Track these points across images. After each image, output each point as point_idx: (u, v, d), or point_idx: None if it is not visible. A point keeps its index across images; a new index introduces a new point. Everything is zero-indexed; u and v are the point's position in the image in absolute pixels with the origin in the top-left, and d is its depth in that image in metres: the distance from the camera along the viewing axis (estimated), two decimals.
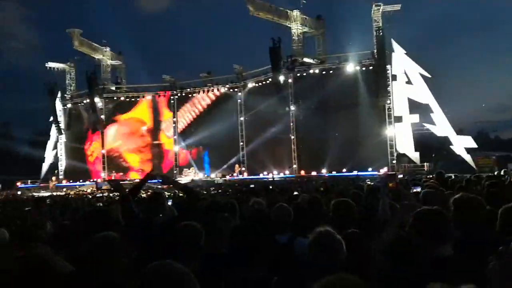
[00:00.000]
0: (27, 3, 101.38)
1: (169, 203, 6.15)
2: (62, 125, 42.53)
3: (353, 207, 4.57)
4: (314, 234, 2.90)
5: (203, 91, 39.63)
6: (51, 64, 42.70)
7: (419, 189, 5.90)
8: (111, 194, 16.32)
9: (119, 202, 4.00)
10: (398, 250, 3.18)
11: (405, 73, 31.36)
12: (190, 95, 40.27)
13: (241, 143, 37.57)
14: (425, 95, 30.91)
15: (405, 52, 31.57)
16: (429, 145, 33.58)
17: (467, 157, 30.15)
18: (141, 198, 7.64)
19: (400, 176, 17.65)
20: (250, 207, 5.43)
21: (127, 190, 4.38)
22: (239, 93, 37.77)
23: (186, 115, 40.57)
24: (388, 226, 4.08)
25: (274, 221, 4.39)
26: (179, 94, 40.49)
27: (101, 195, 18.62)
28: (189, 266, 2.63)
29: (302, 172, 33.18)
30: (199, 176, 37.60)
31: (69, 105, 43.51)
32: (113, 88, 43.25)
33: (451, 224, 3.09)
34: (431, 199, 4.95)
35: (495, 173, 17.43)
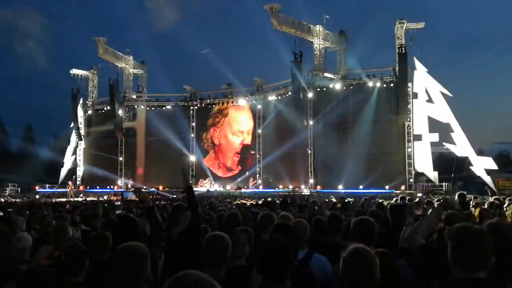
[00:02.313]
0: (54, 11, 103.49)
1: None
2: (82, 131, 43.09)
3: (374, 226, 4.55)
4: (349, 250, 2.84)
5: (223, 103, 39.90)
6: (75, 71, 43.43)
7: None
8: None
9: (145, 212, 4.05)
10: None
11: (426, 91, 31.17)
12: (210, 106, 40.57)
13: (258, 156, 37.58)
14: (445, 114, 30.65)
15: (427, 70, 31.43)
16: (448, 165, 33.20)
17: (487, 179, 29.72)
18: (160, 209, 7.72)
19: (419, 195, 17.46)
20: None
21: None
22: (258, 106, 37.88)
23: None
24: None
25: (293, 236, 4.39)
26: (198, 105, 40.82)
27: (119, 203, 18.73)
28: (215, 276, 2.67)
29: (318, 187, 33.01)
30: (215, 187, 37.68)
31: (90, 112, 44.12)
32: (134, 97, 43.80)
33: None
34: (455, 220, 4.91)
35: None
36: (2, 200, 30.11)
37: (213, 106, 40.49)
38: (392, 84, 32.31)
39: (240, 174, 38.88)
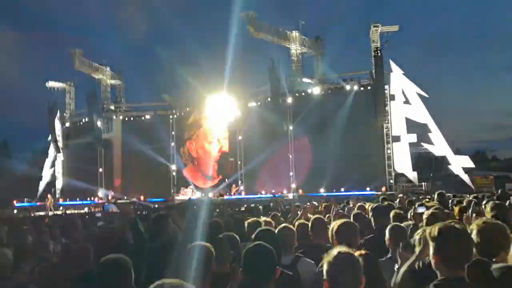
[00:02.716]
0: (28, 23, 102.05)
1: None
2: (60, 144, 42.50)
3: (357, 228, 4.60)
4: (332, 254, 2.83)
5: (195, 115, 39.81)
6: (51, 84, 42.88)
7: (423, 210, 5.90)
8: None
9: (127, 224, 4.02)
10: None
11: (403, 93, 31.60)
12: (189, 114, 40.42)
13: (239, 162, 37.53)
14: (422, 115, 31.12)
15: (403, 72, 31.88)
16: (427, 164, 33.64)
17: (465, 177, 30.25)
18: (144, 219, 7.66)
19: (400, 195, 17.60)
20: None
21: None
22: (239, 113, 37.83)
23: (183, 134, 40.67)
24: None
25: (279, 242, 4.40)
26: (178, 114, 40.63)
27: (99, 215, 18.48)
28: (201, 286, 2.67)
29: (300, 191, 33.10)
30: (197, 195, 37.46)
31: (67, 124, 43.56)
32: (112, 108, 43.40)
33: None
34: (437, 220, 4.97)
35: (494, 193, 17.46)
36: None
37: (192, 114, 40.30)
38: (369, 87, 32.70)
39: (221, 182, 38.74)
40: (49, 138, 42.43)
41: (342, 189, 31.23)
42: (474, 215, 5.75)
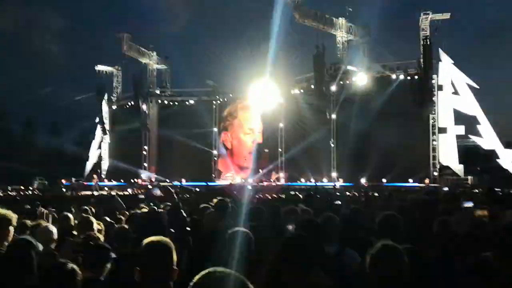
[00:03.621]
0: (79, 8, 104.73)
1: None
2: (107, 126, 43.66)
3: (401, 221, 4.47)
4: (378, 247, 2.78)
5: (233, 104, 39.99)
6: (100, 67, 44.00)
7: (471, 204, 5.69)
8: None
9: (170, 209, 4.04)
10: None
11: (452, 83, 30.63)
12: (230, 103, 40.63)
13: (280, 150, 37.44)
14: (472, 106, 30.08)
15: (452, 62, 30.86)
16: (474, 158, 32.59)
17: None
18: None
19: (446, 189, 17.14)
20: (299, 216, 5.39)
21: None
22: (281, 99, 37.63)
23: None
24: None
25: (322, 231, 4.34)
26: (221, 100, 40.88)
27: (142, 196, 18.90)
28: (241, 273, 2.63)
29: (341, 180, 32.76)
30: (237, 181, 37.72)
31: (114, 107, 44.66)
32: (158, 92, 44.14)
33: None
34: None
35: None
36: (30, 193, 30.80)
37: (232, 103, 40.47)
38: (416, 77, 31.81)
39: (253, 170, 38.84)
40: (97, 120, 43.64)
41: (384, 180, 30.71)
42: None
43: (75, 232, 5.38)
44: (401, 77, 32.32)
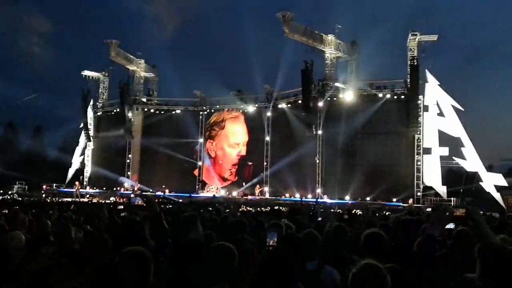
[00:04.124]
0: (68, 12, 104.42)
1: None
2: (91, 132, 43.28)
3: (386, 240, 4.44)
4: (360, 266, 2.74)
5: (232, 109, 39.87)
6: (86, 73, 43.64)
7: (452, 226, 5.66)
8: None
9: (150, 219, 3.96)
10: None
11: (437, 104, 30.96)
12: (218, 111, 40.56)
13: (265, 163, 37.39)
14: (456, 128, 30.41)
15: (439, 83, 31.24)
16: (458, 179, 32.89)
17: (497, 195, 29.39)
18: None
19: (429, 209, 17.23)
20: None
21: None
22: (268, 113, 37.70)
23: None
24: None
25: (303, 247, 4.28)
26: (208, 110, 40.78)
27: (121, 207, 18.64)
28: (222, 286, 2.57)
29: (325, 197, 32.79)
30: (221, 193, 37.56)
31: (99, 113, 44.28)
32: (144, 100, 43.94)
33: None
34: (466, 239, 4.76)
35: None
36: (9, 197, 30.25)
37: (222, 111, 40.41)
38: (403, 96, 32.15)
39: (236, 183, 38.75)
40: (81, 126, 43.24)
41: (368, 198, 30.85)
42: None
43: (52, 239, 5.25)
44: (388, 96, 32.62)
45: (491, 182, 29.83)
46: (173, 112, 41.74)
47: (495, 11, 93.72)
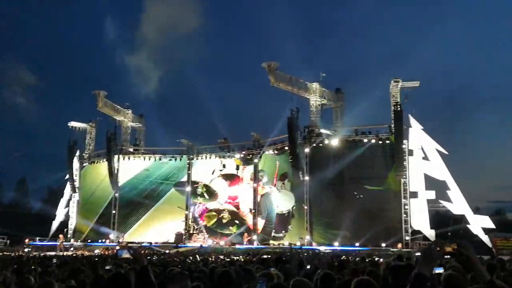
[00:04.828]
0: (54, 64, 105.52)
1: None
2: (77, 184, 42.72)
3: (376, 287, 4.39)
4: None
5: (219, 157, 39.85)
6: (73, 124, 43.49)
7: (441, 270, 5.62)
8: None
9: (137, 272, 3.85)
10: None
11: (421, 148, 31.38)
12: (207, 158, 40.50)
13: (253, 211, 37.08)
14: (441, 172, 30.70)
15: (422, 128, 31.77)
16: (445, 223, 32.87)
17: (485, 238, 29.37)
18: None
19: (418, 254, 17.04)
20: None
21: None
22: (255, 160, 37.74)
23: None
24: None
25: None
26: (195, 159, 40.69)
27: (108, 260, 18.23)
28: None
29: (314, 244, 32.43)
30: (208, 243, 36.96)
31: (85, 164, 43.90)
32: (131, 150, 43.81)
33: None
34: (456, 283, 4.72)
35: None
36: None
37: (209, 159, 40.35)
38: (388, 141, 32.54)
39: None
40: (66, 177, 42.73)
41: (357, 244, 30.59)
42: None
43: None
44: (373, 141, 32.99)
45: (478, 224, 29.88)
46: (160, 160, 41.43)
47: (468, 57, 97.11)
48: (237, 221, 37.98)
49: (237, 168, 38.74)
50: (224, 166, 39.22)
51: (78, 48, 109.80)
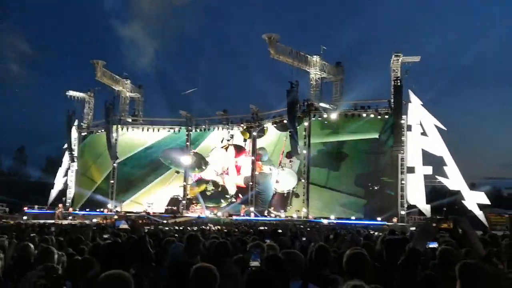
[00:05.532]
0: (53, 33, 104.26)
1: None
2: (75, 153, 42.75)
3: (369, 260, 4.43)
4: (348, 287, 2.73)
5: (218, 129, 39.88)
6: (71, 93, 43.30)
7: (435, 245, 5.71)
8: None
9: (134, 242, 3.92)
10: None
11: (420, 124, 31.37)
12: (205, 130, 40.55)
13: (251, 183, 37.31)
14: (439, 148, 30.79)
15: (422, 103, 31.68)
16: (441, 198, 33.15)
17: (479, 214, 29.66)
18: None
19: (413, 228, 17.27)
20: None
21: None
22: (254, 133, 37.80)
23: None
24: None
25: (286, 268, 4.26)
26: (193, 130, 40.72)
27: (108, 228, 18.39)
28: None
29: (311, 217, 32.73)
30: (206, 213, 37.29)
31: (84, 134, 43.88)
32: (130, 120, 43.74)
33: None
34: (450, 258, 4.79)
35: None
36: None
37: (208, 131, 40.40)
38: (386, 116, 32.50)
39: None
40: (65, 146, 42.75)
41: (353, 217, 30.88)
42: None
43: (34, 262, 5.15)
44: (372, 115, 32.95)
45: (473, 200, 30.13)
46: (158, 131, 41.47)
47: (474, 34, 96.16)
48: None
49: (244, 140, 38.80)
50: (231, 136, 39.24)
51: (76, 19, 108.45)
